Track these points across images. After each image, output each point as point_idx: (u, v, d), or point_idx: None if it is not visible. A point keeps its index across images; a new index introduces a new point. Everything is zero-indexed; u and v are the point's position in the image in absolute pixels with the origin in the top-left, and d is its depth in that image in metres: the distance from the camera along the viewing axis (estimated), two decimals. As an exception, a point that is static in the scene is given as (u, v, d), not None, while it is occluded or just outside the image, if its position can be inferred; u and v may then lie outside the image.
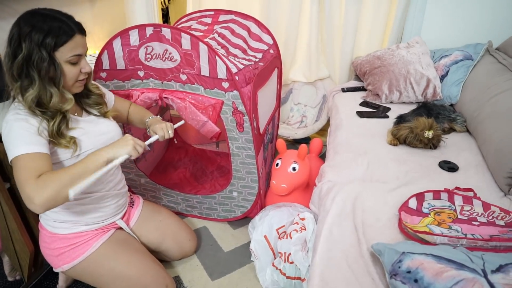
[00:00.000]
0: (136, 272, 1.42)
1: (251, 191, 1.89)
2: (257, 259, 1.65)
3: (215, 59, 1.57)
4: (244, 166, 1.82)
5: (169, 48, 1.60)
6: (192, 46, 1.58)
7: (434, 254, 0.98)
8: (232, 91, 1.62)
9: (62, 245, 1.37)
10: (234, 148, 1.78)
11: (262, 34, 2.15)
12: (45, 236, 1.39)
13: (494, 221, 1.21)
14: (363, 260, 1.14)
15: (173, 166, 2.36)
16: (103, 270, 1.41)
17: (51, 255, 1.39)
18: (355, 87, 2.48)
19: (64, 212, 1.33)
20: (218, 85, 1.63)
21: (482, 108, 1.80)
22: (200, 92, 1.67)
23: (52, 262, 1.41)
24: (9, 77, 1.15)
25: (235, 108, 1.65)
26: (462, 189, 1.39)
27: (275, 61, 2.15)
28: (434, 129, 1.69)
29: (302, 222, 1.58)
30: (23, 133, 1.12)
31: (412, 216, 1.25)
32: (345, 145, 1.79)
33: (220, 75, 1.61)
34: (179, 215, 2.06)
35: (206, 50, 1.57)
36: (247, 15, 2.14)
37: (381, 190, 1.44)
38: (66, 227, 1.36)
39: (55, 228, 1.36)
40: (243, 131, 1.71)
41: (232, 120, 1.69)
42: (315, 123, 2.73)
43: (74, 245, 1.38)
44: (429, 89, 2.16)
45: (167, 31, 1.56)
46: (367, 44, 2.59)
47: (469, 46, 2.23)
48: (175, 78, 1.67)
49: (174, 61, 1.63)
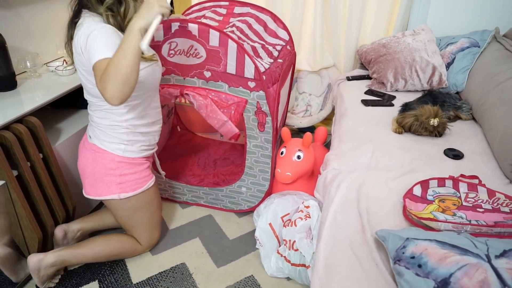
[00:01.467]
0: (159, 220, 1.72)
1: (261, 189, 1.90)
2: (262, 247, 1.67)
3: (244, 58, 1.55)
4: (258, 165, 1.83)
5: (195, 44, 1.59)
6: (220, 43, 1.56)
7: (438, 239, 0.99)
8: (258, 91, 1.61)
9: (128, 172, 1.51)
10: (252, 146, 1.78)
11: (278, 29, 2.13)
12: (112, 162, 1.48)
13: (499, 208, 1.21)
14: (367, 246, 1.15)
15: (176, 154, 2.36)
16: (147, 210, 1.62)
17: (112, 182, 1.50)
18: (360, 76, 2.46)
19: (132, 133, 1.47)
20: (243, 84, 1.62)
21: (488, 96, 1.78)
22: (224, 90, 1.66)
23: (109, 188, 1.51)
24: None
25: (259, 108, 1.64)
26: (467, 176, 1.39)
27: (292, 58, 2.14)
28: (439, 117, 1.68)
29: (306, 210, 1.58)
30: (112, 41, 1.22)
31: (416, 203, 1.26)
32: (350, 134, 1.79)
33: (247, 74, 1.60)
34: (184, 204, 2.07)
35: (235, 47, 1.55)
36: (263, 8, 2.10)
37: (386, 177, 1.44)
38: (135, 150, 1.51)
39: (126, 152, 1.49)
40: (264, 131, 1.71)
41: (254, 119, 1.69)
42: (320, 112, 2.72)
43: (139, 173, 1.54)
44: (434, 77, 2.15)
45: (194, 27, 1.55)
46: (372, 32, 2.57)
47: (475, 33, 2.21)
48: (198, 74, 1.67)
49: (199, 57, 1.61)
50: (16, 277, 1.56)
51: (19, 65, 1.80)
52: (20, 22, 1.86)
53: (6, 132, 1.40)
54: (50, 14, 2.00)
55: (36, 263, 1.49)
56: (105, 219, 1.78)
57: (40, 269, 1.50)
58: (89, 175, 1.53)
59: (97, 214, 1.79)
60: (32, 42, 1.94)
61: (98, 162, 1.49)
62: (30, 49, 1.91)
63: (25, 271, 1.60)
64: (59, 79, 1.85)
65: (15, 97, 1.64)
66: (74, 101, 1.93)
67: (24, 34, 1.89)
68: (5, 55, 1.64)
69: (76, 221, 1.71)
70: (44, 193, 1.56)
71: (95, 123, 1.47)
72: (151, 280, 1.64)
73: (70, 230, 1.66)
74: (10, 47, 1.68)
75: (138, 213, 1.61)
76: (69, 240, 1.67)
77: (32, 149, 1.48)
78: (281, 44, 2.06)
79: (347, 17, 2.53)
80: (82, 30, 1.27)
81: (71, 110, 1.96)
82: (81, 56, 1.29)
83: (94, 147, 1.49)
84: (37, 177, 1.52)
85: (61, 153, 1.68)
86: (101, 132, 1.46)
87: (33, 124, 1.50)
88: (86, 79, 1.36)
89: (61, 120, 1.86)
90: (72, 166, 1.76)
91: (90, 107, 1.48)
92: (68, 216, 1.72)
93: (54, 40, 2.02)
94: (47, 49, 2.03)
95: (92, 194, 1.55)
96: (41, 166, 1.53)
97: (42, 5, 1.96)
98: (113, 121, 1.43)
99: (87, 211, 1.92)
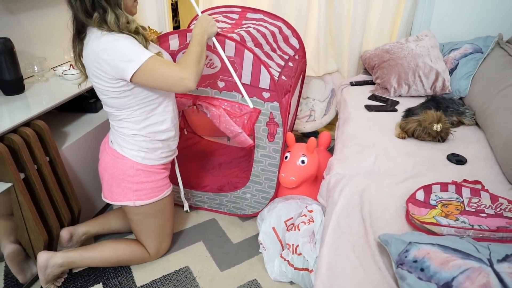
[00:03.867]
0: (170, 231, 1.75)
1: (266, 196, 1.90)
2: (265, 251, 1.67)
3: (260, 68, 1.56)
4: (264, 173, 1.84)
5: (210, 54, 1.60)
6: (236, 53, 1.57)
7: (441, 244, 0.99)
8: (272, 102, 1.62)
9: (145, 180, 1.54)
10: (259, 155, 1.79)
11: (291, 37, 2.13)
12: (131, 169, 1.51)
13: (502, 213, 1.22)
14: (370, 250, 1.16)
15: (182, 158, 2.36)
16: (159, 218, 1.64)
17: (129, 188, 1.53)
18: (364, 81, 2.48)
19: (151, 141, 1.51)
20: (258, 94, 1.63)
21: (491, 101, 1.79)
22: (237, 100, 1.67)
23: (125, 194, 1.53)
24: (83, 14, 1.29)
25: (272, 118, 1.65)
26: (470, 181, 1.40)
27: (302, 66, 2.15)
28: (442, 122, 1.69)
29: (310, 214, 1.59)
30: (137, 43, 1.32)
31: (419, 207, 1.26)
32: (353, 138, 1.80)
33: (262, 85, 1.60)
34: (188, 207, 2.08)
35: (251, 58, 1.56)
36: (276, 15, 2.11)
37: (389, 182, 1.45)
38: (154, 158, 1.54)
39: (145, 159, 1.52)
40: (273, 141, 1.72)
41: (265, 129, 1.70)
42: (323, 117, 2.73)
43: (156, 182, 1.57)
44: (438, 82, 2.16)
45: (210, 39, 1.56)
46: (376, 37, 2.59)
47: (479, 39, 2.22)
48: (211, 84, 1.68)
49: (214, 68, 1.63)
50: (23, 277, 1.58)
51: (27, 69, 1.83)
52: (28, 28, 1.89)
53: (14, 135, 1.42)
54: (57, 20, 2.04)
55: (45, 260, 1.51)
56: (111, 223, 1.79)
57: (48, 267, 1.52)
58: (107, 180, 1.56)
59: (103, 218, 1.81)
60: (39, 47, 1.97)
61: (117, 168, 1.51)
62: (38, 54, 1.95)
63: (32, 272, 1.61)
64: (66, 83, 1.88)
65: (22, 101, 1.67)
66: (81, 105, 1.96)
67: (32, 39, 1.92)
68: (14, 59, 1.67)
69: (82, 224, 1.73)
70: (50, 196, 1.58)
71: (115, 130, 1.50)
72: (155, 283, 1.65)
73: (76, 233, 1.68)
74: (18, 51, 1.71)
75: (150, 219, 1.62)
76: (73, 243, 1.68)
77: (39, 152, 1.50)
78: (290, 52, 2.07)
79: (350, 22, 2.55)
80: (94, 46, 1.30)
81: (78, 114, 1.98)
82: (99, 69, 1.31)
83: (115, 153, 1.52)
84: (43, 180, 1.54)
85: (67, 156, 1.70)
86: (121, 139, 1.49)
87: (40, 127, 1.53)
88: (103, 89, 1.38)
89: (67, 124, 1.89)
90: (79, 169, 1.78)
91: (109, 116, 1.51)
92: (73, 219, 1.74)
93: (61, 45, 2.06)
94: (54, 53, 2.06)
95: (109, 198, 1.58)
96: (47, 169, 1.55)
97: (50, 11, 2.00)
98: (132, 130, 1.46)
99: (92, 214, 1.93)
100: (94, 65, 1.32)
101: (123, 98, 1.38)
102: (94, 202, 1.93)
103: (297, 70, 2.00)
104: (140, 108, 1.43)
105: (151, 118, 1.47)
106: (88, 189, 1.86)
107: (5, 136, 1.41)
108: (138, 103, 1.41)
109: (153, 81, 1.32)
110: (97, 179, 1.65)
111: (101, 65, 1.30)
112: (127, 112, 1.43)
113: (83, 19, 1.30)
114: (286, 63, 1.94)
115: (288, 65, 1.96)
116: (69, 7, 1.32)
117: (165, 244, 1.75)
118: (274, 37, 2.01)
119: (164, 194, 1.61)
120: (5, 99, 1.67)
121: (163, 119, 1.51)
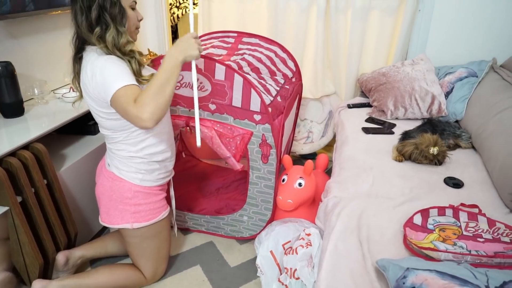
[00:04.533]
0: (167, 253, 1.73)
1: (263, 218, 1.90)
2: (263, 275, 1.66)
3: (250, 91, 1.58)
4: (260, 195, 1.84)
5: (201, 78, 1.62)
6: (226, 77, 1.59)
7: (438, 270, 0.99)
8: (263, 124, 1.64)
9: (143, 202, 1.53)
10: (254, 177, 1.80)
11: (288, 60, 2.16)
12: (129, 191, 1.51)
13: (499, 237, 1.21)
14: (368, 276, 1.15)
15: (180, 181, 2.37)
16: (156, 241, 1.63)
17: (127, 211, 1.52)
18: (361, 104, 2.50)
19: (148, 162, 1.51)
20: (249, 117, 1.65)
21: (487, 125, 1.81)
22: (229, 122, 1.69)
23: (123, 217, 1.53)
24: (86, 28, 1.32)
25: (264, 140, 1.67)
26: (467, 205, 1.40)
27: (298, 88, 2.18)
28: (439, 146, 1.70)
29: (308, 238, 1.58)
30: (122, 69, 1.30)
31: (417, 232, 1.26)
32: (350, 161, 1.81)
33: (253, 107, 1.62)
34: (185, 230, 2.07)
35: (241, 81, 1.58)
36: (271, 40, 2.14)
37: (386, 206, 1.45)
38: (152, 179, 1.54)
39: (143, 181, 1.52)
40: (267, 163, 1.73)
41: (258, 151, 1.71)
42: (321, 139, 2.75)
43: (154, 204, 1.56)
44: (434, 105, 2.18)
45: (201, 60, 1.58)
46: (373, 61, 2.63)
47: (473, 63, 2.26)
48: (203, 107, 1.70)
49: (205, 91, 1.65)
50: None
51: (27, 92, 1.85)
52: (29, 51, 1.92)
53: (12, 158, 1.43)
54: (57, 43, 2.07)
55: None
56: (108, 247, 1.78)
57: None
58: (104, 203, 1.56)
59: (100, 241, 1.79)
60: (40, 69, 2.00)
61: (114, 190, 1.52)
62: (38, 77, 1.97)
63: None
64: (65, 105, 1.90)
65: (22, 124, 1.68)
66: (80, 127, 1.97)
67: (33, 62, 1.95)
68: (14, 83, 1.69)
69: (79, 248, 1.71)
70: (47, 219, 1.57)
71: (112, 153, 1.51)
72: (151, 308, 1.63)
73: (72, 257, 1.66)
74: (19, 74, 1.74)
75: (147, 241, 1.61)
76: (69, 267, 1.66)
77: (37, 175, 1.51)
78: (289, 73, 2.10)
79: (347, 46, 2.59)
80: (88, 66, 1.32)
81: (77, 136, 1.99)
82: (92, 91, 1.33)
83: (112, 175, 1.52)
84: (40, 203, 1.54)
85: (65, 178, 1.70)
86: (119, 161, 1.50)
87: (39, 150, 1.53)
88: (97, 111, 1.39)
89: (66, 146, 1.90)
90: (76, 191, 1.78)
91: (106, 139, 1.52)
92: (69, 242, 1.72)
93: (61, 68, 2.08)
94: (55, 76, 2.09)
95: (106, 222, 1.57)
96: (45, 192, 1.55)
97: (50, 35, 2.04)
98: (129, 152, 1.47)
99: (88, 238, 1.92)
100: (86, 88, 1.34)
101: (118, 120, 1.39)
102: (90, 225, 1.92)
103: (293, 91, 2.02)
104: (136, 130, 1.43)
105: (147, 140, 1.48)
106: (85, 211, 1.85)
107: (4, 159, 1.42)
108: (126, 129, 1.42)
109: (120, 113, 1.30)
110: (94, 202, 1.65)
111: (92, 87, 1.31)
112: (124, 134, 1.44)
113: (84, 34, 1.33)
114: (284, 85, 1.97)
115: (285, 87, 1.99)
116: (73, 23, 1.35)
117: (162, 268, 1.73)
118: (272, 60, 2.04)
119: (161, 216, 1.60)
120: (4, 122, 1.68)
121: (159, 140, 1.51)
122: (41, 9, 1.88)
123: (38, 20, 1.96)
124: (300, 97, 2.35)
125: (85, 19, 1.31)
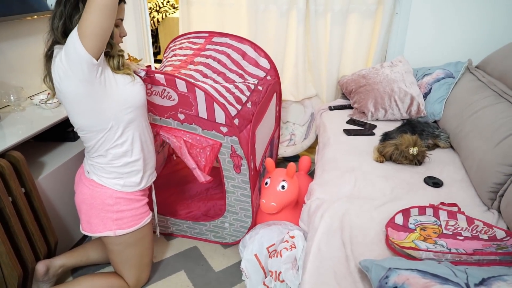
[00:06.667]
0: (150, 260, 1.71)
1: (244, 225, 1.89)
2: (248, 278, 1.65)
3: (213, 105, 1.57)
4: (238, 203, 1.83)
5: (167, 88, 1.60)
6: (188, 90, 1.58)
7: (420, 269, 1.00)
8: (231, 136, 1.63)
9: (126, 208, 1.51)
10: (230, 186, 1.79)
11: (259, 58, 2.14)
12: (110, 198, 1.49)
13: (478, 235, 1.24)
14: (351, 277, 1.16)
15: (169, 183, 2.34)
16: (139, 247, 1.60)
17: (108, 218, 1.50)
18: (342, 105, 2.53)
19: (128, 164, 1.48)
20: (216, 128, 1.63)
21: (464, 125, 1.85)
22: (198, 132, 1.68)
23: (104, 224, 1.50)
24: (61, 33, 1.30)
25: (234, 151, 1.65)
26: (446, 204, 1.43)
27: (273, 87, 2.15)
28: (418, 146, 1.73)
29: (292, 240, 1.59)
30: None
31: (398, 232, 1.28)
32: (332, 163, 1.83)
33: (218, 120, 1.61)
34: (169, 235, 2.05)
35: (203, 95, 1.57)
36: (242, 38, 2.13)
37: (368, 206, 1.47)
38: (133, 184, 1.52)
39: (125, 186, 1.50)
40: (240, 173, 1.72)
41: (230, 161, 1.70)
42: (303, 141, 2.76)
43: (137, 210, 1.55)
44: (413, 106, 2.22)
45: (161, 77, 1.57)
46: (353, 63, 2.67)
47: (450, 65, 2.31)
48: (173, 116, 1.68)
49: (172, 100, 1.62)
50: None
51: (3, 99, 1.81)
52: (4, 57, 1.88)
53: (-12, 167, 1.39)
54: (33, 49, 2.02)
55: None
56: (89, 255, 1.74)
57: None
58: (85, 211, 1.53)
59: (81, 249, 1.76)
60: (16, 76, 1.95)
61: (95, 198, 1.49)
62: (14, 83, 1.92)
63: None
64: (43, 112, 1.86)
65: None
66: (58, 134, 1.93)
67: (8, 69, 1.90)
68: (-11, 90, 1.65)
69: (59, 257, 1.67)
70: (25, 229, 1.53)
71: (92, 161, 1.48)
72: (135, 316, 1.60)
73: (52, 266, 1.62)
74: (-6, 81, 1.69)
75: (130, 248, 1.59)
76: (50, 276, 1.63)
77: (14, 184, 1.47)
78: (261, 73, 2.09)
79: (327, 49, 2.62)
80: (58, 55, 1.29)
81: (55, 143, 1.95)
82: (69, 67, 1.26)
83: (92, 183, 1.49)
84: (18, 212, 1.50)
85: (44, 186, 1.66)
86: (98, 169, 1.47)
87: (16, 158, 1.50)
88: (73, 104, 1.35)
89: (44, 153, 1.85)
90: (55, 199, 1.74)
91: (85, 146, 1.49)
92: (49, 251, 1.68)
93: (38, 74, 2.03)
94: (32, 82, 2.04)
95: (88, 231, 1.54)
96: (23, 201, 1.51)
97: (25, 41, 1.99)
98: (106, 158, 1.45)
99: (69, 246, 1.88)
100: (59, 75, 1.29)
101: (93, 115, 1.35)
102: (71, 233, 1.88)
103: (266, 92, 2.01)
104: (111, 128, 1.40)
105: (125, 144, 1.45)
106: (65, 219, 1.81)
107: (-21, 168, 1.38)
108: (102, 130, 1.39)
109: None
110: (74, 210, 1.61)
111: (66, 63, 1.26)
112: (100, 134, 1.40)
113: (57, 38, 1.32)
114: (256, 87, 1.96)
115: (258, 89, 1.97)
116: (49, 22, 1.32)
117: (145, 274, 1.70)
118: (238, 64, 2.03)
119: (144, 221, 1.59)
120: (-21, 130, 1.63)
121: (137, 142, 1.49)
122: (16, 13, 1.83)
123: (12, 25, 1.91)
124: (280, 95, 2.34)
125: (62, 25, 1.29)
